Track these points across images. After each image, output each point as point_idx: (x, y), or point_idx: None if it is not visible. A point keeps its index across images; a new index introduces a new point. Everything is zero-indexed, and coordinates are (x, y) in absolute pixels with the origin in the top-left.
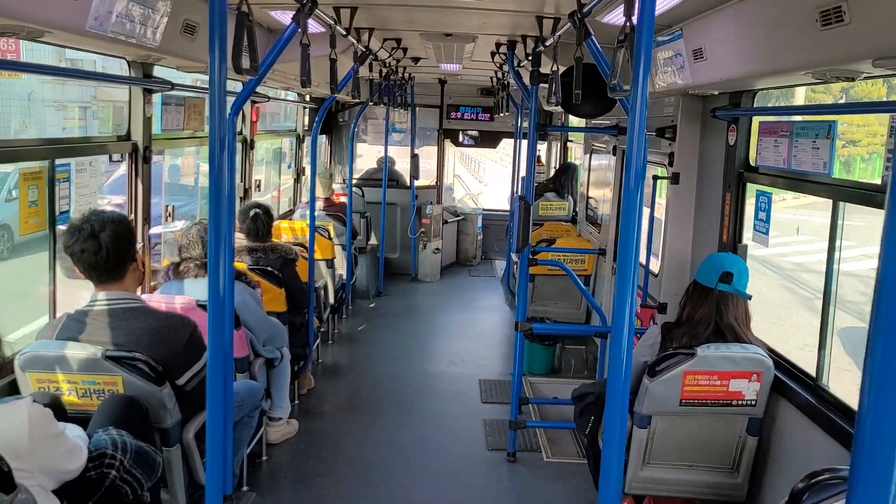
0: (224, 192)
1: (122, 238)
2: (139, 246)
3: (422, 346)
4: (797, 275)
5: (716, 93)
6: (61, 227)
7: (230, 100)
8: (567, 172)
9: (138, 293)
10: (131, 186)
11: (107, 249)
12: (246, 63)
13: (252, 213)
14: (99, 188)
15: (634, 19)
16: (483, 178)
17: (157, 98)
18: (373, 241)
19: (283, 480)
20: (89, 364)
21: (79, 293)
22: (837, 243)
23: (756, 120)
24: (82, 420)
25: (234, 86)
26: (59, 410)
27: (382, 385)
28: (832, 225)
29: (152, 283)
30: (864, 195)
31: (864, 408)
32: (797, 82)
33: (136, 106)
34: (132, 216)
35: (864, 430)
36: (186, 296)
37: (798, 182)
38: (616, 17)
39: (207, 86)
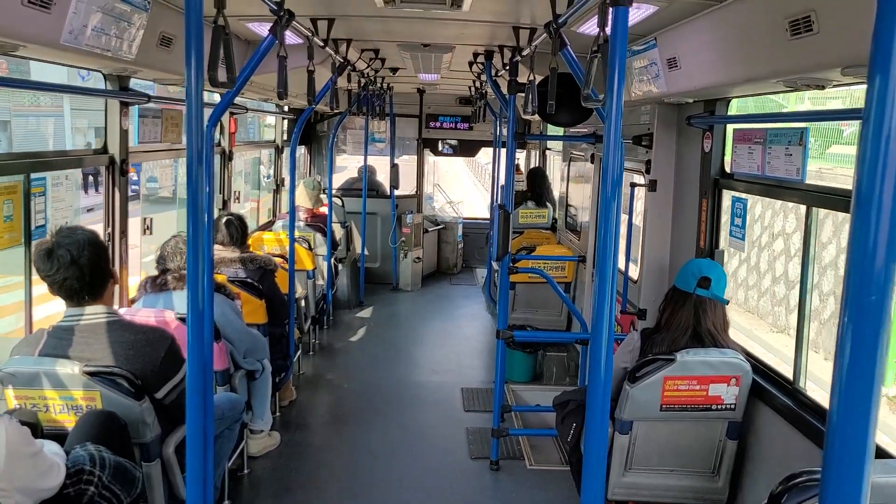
0: (202, 204)
1: (100, 259)
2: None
3: (403, 355)
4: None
5: (691, 101)
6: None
7: (208, 112)
8: (538, 178)
9: (115, 307)
10: (108, 199)
11: (90, 274)
12: (222, 75)
13: (224, 219)
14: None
15: (608, 30)
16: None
17: (133, 110)
18: (354, 250)
19: (265, 493)
20: (67, 380)
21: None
22: (811, 249)
23: (730, 127)
24: (60, 437)
25: (213, 97)
26: (36, 427)
27: (364, 395)
28: (806, 231)
29: (130, 297)
30: (837, 200)
31: (835, 408)
32: (769, 90)
33: (113, 118)
34: (109, 230)
35: (835, 432)
36: (163, 308)
37: (772, 188)
38: (591, 27)
39: (184, 97)
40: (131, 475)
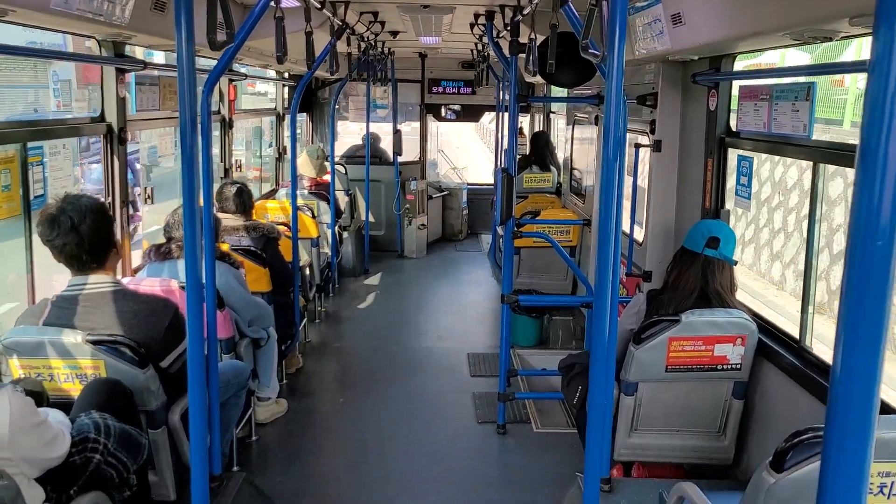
0: (198, 172)
1: (103, 227)
2: (118, 230)
3: (409, 322)
4: None
5: (696, 58)
6: (36, 212)
7: (203, 77)
8: (541, 142)
9: (119, 277)
10: (107, 168)
11: (89, 241)
12: (221, 36)
13: (235, 188)
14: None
15: None
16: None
17: (130, 78)
18: (358, 218)
19: (273, 460)
20: (71, 349)
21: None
22: (818, 206)
23: (736, 84)
24: (65, 405)
25: (209, 64)
26: (42, 396)
27: (370, 362)
28: (812, 188)
29: (133, 267)
30: (845, 156)
31: (839, 360)
32: (775, 44)
33: (109, 86)
34: (109, 199)
35: (839, 384)
36: (168, 277)
37: (778, 145)
38: None
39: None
40: (137, 442)
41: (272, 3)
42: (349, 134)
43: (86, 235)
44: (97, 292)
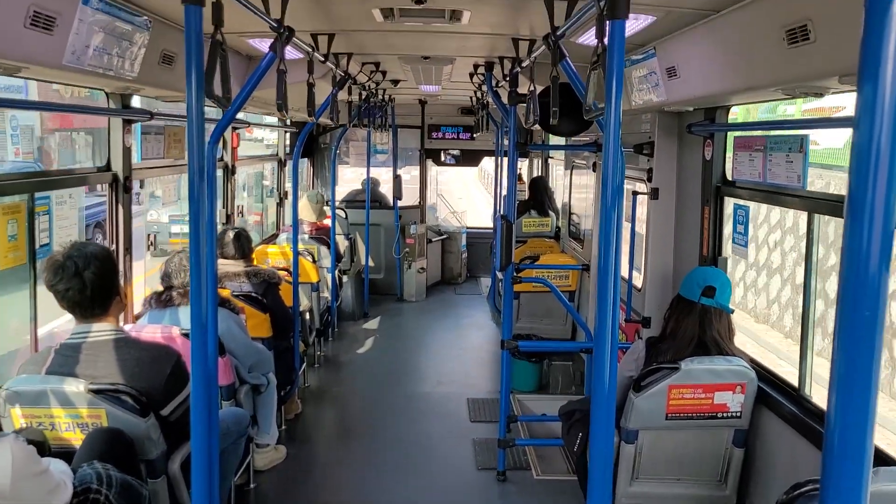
0: (204, 219)
1: (107, 274)
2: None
3: (409, 366)
4: None
5: (691, 109)
6: (42, 261)
7: (210, 127)
8: (539, 186)
9: (120, 324)
10: (112, 216)
11: (92, 288)
12: (220, 92)
13: (233, 234)
14: None
15: (607, 41)
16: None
17: (136, 127)
18: (358, 262)
19: None
20: (73, 397)
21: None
22: (814, 256)
23: (731, 135)
24: (67, 454)
25: (215, 113)
26: (43, 445)
27: (370, 408)
28: (808, 238)
29: (135, 314)
30: (838, 207)
31: (832, 414)
32: (768, 98)
33: (116, 136)
34: (113, 246)
35: (833, 436)
36: (169, 324)
37: (774, 195)
38: (589, 38)
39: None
40: (137, 493)
41: (277, 58)
42: (349, 179)
43: (89, 281)
44: (100, 340)
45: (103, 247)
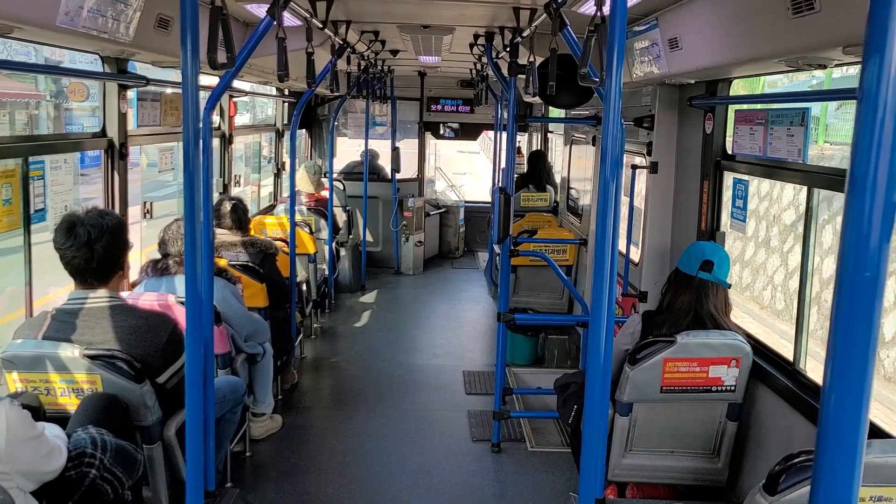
0: (199, 188)
1: (116, 248)
2: None
3: (405, 338)
4: None
5: (692, 82)
6: (35, 226)
7: (206, 95)
8: (538, 161)
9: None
10: (107, 183)
11: (98, 259)
12: (222, 57)
13: (231, 204)
14: None
15: (606, 9)
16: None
17: (132, 94)
18: (355, 234)
19: (268, 476)
20: (68, 363)
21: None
22: (812, 231)
23: (732, 108)
24: (62, 419)
25: (211, 80)
26: (38, 410)
27: (366, 379)
28: (807, 212)
29: (132, 281)
30: (838, 181)
31: (828, 387)
32: (771, 70)
33: (111, 102)
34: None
35: (829, 408)
36: (166, 292)
37: (774, 169)
38: (591, 7)
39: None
40: (132, 458)
41: (274, 24)
42: (348, 151)
43: (97, 254)
44: (97, 307)
45: (120, 220)
